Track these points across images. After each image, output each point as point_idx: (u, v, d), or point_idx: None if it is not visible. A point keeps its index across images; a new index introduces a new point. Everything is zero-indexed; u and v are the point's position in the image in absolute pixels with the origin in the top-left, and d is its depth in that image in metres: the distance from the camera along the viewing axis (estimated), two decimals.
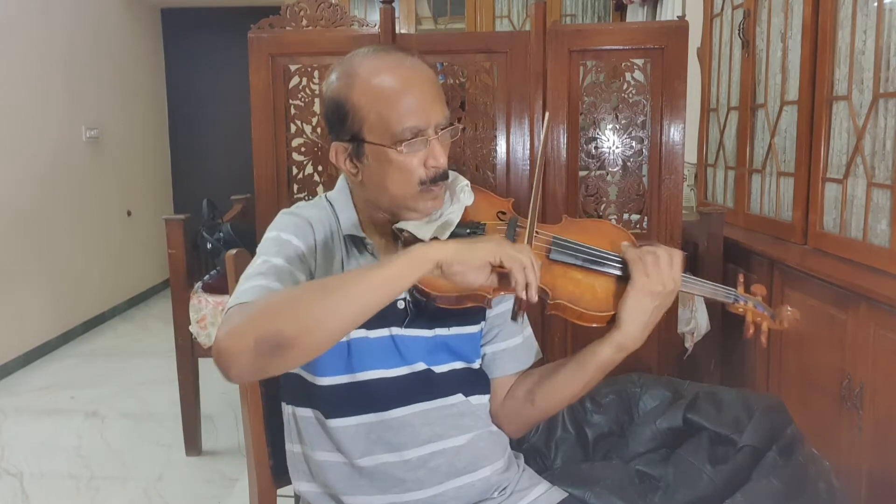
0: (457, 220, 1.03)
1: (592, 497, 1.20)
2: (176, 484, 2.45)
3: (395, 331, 1.05)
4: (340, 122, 1.00)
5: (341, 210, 1.07)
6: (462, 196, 1.05)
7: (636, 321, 0.99)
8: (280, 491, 1.24)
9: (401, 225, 1.03)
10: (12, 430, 2.92)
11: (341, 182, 1.11)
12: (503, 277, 0.93)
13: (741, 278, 1.10)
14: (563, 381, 1.07)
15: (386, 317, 1.04)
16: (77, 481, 2.48)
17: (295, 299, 0.83)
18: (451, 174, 1.07)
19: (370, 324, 1.02)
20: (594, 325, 1.03)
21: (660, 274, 0.98)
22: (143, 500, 2.35)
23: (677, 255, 1.01)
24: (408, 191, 1.00)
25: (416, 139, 0.97)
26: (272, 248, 0.99)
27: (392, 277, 0.83)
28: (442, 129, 1.00)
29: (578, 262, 1.03)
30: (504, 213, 1.08)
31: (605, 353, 1.02)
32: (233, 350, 0.79)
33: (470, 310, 1.08)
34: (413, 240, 1.02)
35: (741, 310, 1.06)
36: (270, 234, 1.03)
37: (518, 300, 0.95)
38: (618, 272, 1.04)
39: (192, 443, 2.63)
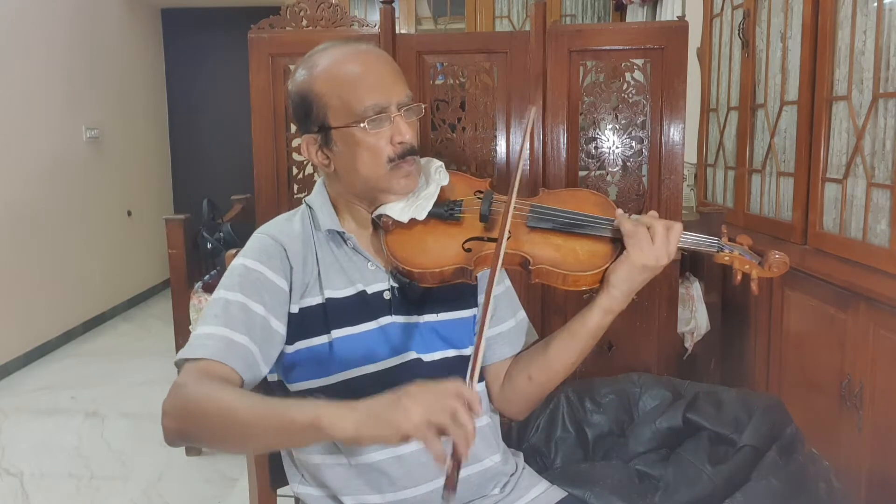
0: (433, 200, 1.05)
1: (592, 497, 1.21)
2: (176, 484, 2.45)
3: (385, 320, 1.06)
4: (307, 114, 1.03)
5: (319, 209, 1.09)
6: (437, 177, 1.08)
7: (624, 288, 1.01)
8: (280, 491, 1.24)
9: (380, 211, 1.05)
10: (12, 430, 2.92)
11: (318, 184, 1.14)
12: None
13: (724, 229, 1.08)
14: (557, 353, 1.08)
15: (373, 309, 1.05)
16: (77, 481, 2.48)
17: (212, 420, 0.86)
18: (425, 158, 1.09)
19: (355, 319, 1.04)
20: (582, 288, 1.03)
21: (654, 249, 0.99)
22: (143, 500, 2.35)
23: (675, 230, 1.01)
24: (378, 171, 1.02)
25: (379, 116, 0.99)
26: (234, 280, 1.01)
27: (297, 431, 0.80)
28: (405, 108, 1.02)
29: (558, 227, 1.05)
30: (481, 192, 1.10)
31: (594, 319, 1.04)
32: (165, 427, 0.90)
33: (459, 293, 1.09)
34: (392, 225, 1.03)
35: (727, 259, 1.05)
36: (237, 261, 1.04)
37: (450, 473, 0.77)
38: (599, 233, 1.04)
39: None
